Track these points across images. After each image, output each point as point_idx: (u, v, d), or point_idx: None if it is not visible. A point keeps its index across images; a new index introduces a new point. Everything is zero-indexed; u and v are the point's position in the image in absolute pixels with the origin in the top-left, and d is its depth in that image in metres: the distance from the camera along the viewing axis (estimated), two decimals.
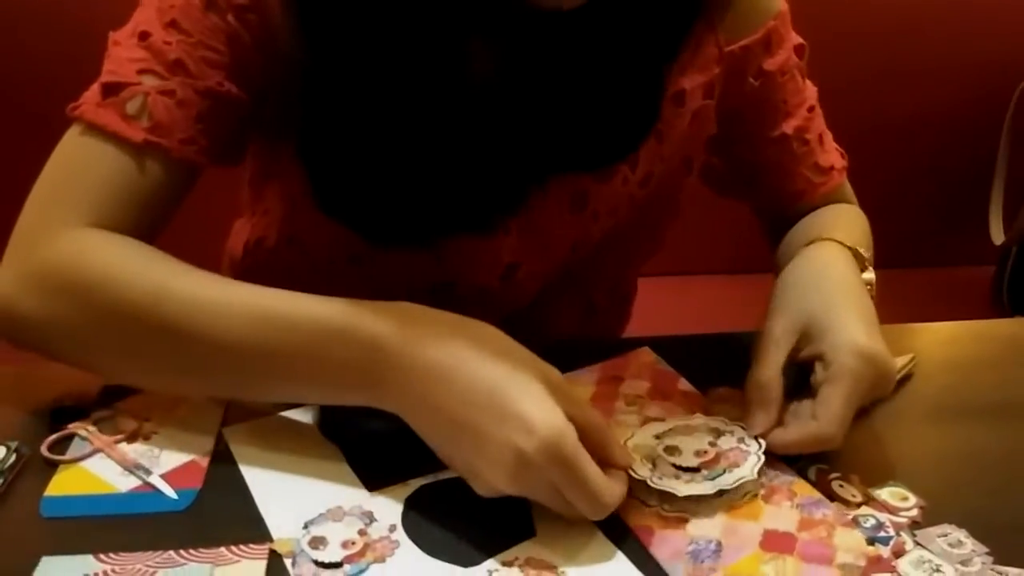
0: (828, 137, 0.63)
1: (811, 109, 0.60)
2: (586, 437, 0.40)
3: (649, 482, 0.42)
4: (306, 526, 0.41)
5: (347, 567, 0.39)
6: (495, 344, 0.41)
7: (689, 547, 0.40)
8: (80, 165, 0.46)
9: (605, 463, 0.40)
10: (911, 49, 1.10)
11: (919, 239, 1.21)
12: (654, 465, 0.44)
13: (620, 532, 0.41)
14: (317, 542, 0.40)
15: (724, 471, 0.44)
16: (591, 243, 0.58)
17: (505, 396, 0.39)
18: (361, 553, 0.39)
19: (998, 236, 1.16)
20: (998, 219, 1.17)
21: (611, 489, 0.40)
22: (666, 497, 0.42)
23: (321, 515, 0.41)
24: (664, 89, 0.53)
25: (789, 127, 0.59)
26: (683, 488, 0.42)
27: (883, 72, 1.10)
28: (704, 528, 0.41)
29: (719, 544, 0.40)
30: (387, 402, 0.42)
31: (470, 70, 0.48)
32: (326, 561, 0.39)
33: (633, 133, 0.53)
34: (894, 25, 1.09)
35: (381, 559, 0.39)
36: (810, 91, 0.61)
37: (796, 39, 0.59)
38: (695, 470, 0.44)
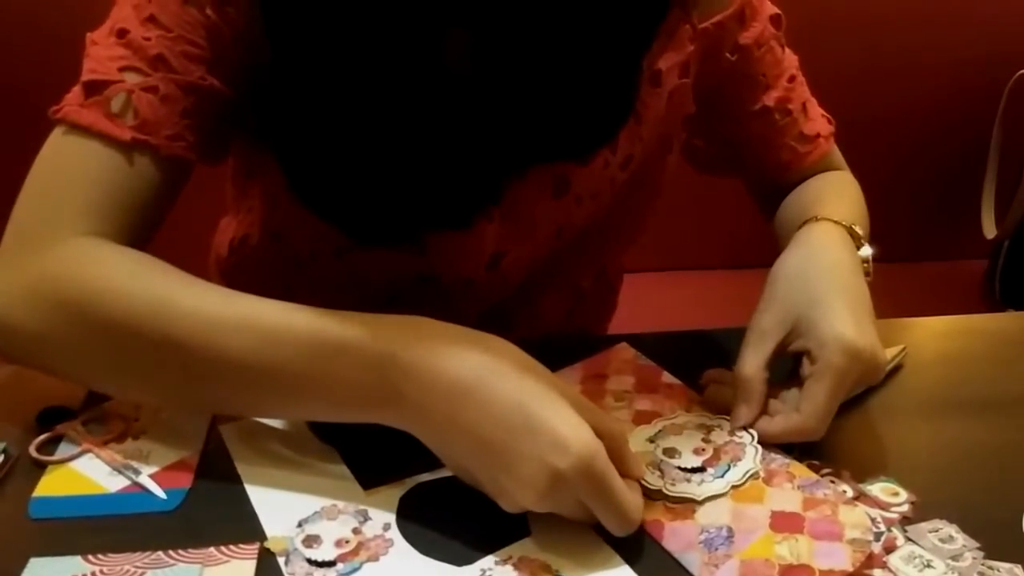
0: (813, 105, 0.62)
1: (792, 79, 0.60)
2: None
3: (665, 490, 0.43)
4: (300, 524, 0.41)
5: (340, 566, 0.39)
6: (513, 358, 0.40)
7: (701, 536, 0.40)
8: (68, 168, 0.45)
9: (620, 474, 0.40)
10: (903, 43, 1.10)
11: (912, 233, 1.21)
12: (661, 472, 0.44)
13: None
14: (311, 540, 0.40)
15: (729, 466, 0.44)
16: (575, 228, 0.58)
17: (533, 413, 0.38)
18: (355, 552, 0.39)
19: (990, 230, 1.17)
20: (990, 213, 1.17)
21: (637, 504, 0.40)
22: (677, 499, 0.42)
23: (315, 513, 0.41)
24: (641, 72, 0.52)
25: (770, 99, 0.59)
26: (699, 491, 0.42)
27: (875, 66, 1.10)
28: (713, 516, 0.41)
29: (730, 530, 0.41)
30: (403, 420, 0.41)
31: (446, 61, 0.48)
32: (319, 560, 0.39)
33: (612, 119, 0.53)
34: (886, 18, 1.09)
35: (375, 558, 0.39)
36: (790, 61, 0.60)
37: (771, 9, 0.59)
38: (701, 469, 0.44)
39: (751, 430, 0.46)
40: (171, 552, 0.39)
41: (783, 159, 0.61)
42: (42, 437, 0.45)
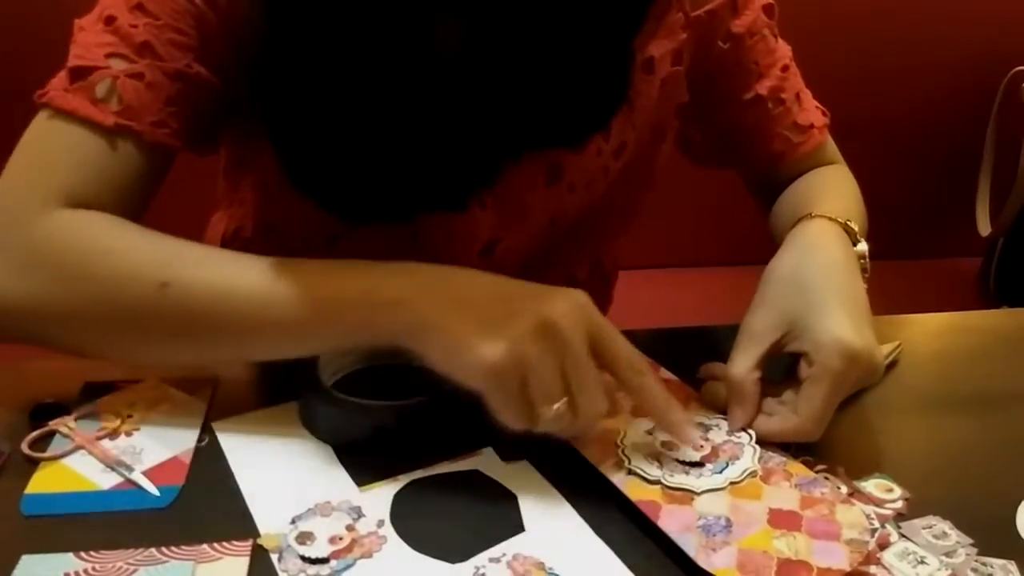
0: (807, 96, 0.62)
1: (785, 68, 0.60)
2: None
3: (663, 480, 0.43)
4: (293, 521, 0.41)
5: (334, 563, 0.39)
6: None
7: (699, 522, 0.40)
8: (52, 151, 0.46)
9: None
10: (899, 42, 1.10)
11: (908, 231, 1.21)
12: (660, 462, 0.44)
13: (607, 528, 0.41)
14: (304, 537, 0.40)
15: (727, 464, 0.44)
16: (569, 217, 0.58)
17: (531, 285, 0.42)
18: (348, 549, 0.39)
19: (985, 228, 1.17)
20: (985, 211, 1.18)
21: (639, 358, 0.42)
22: (676, 488, 0.42)
23: (309, 510, 0.41)
24: (633, 58, 0.52)
25: (763, 88, 0.59)
26: (698, 483, 0.43)
27: (870, 64, 1.10)
28: (711, 506, 0.42)
29: (728, 520, 0.41)
30: (403, 325, 0.42)
31: (437, 45, 0.48)
32: (313, 556, 0.39)
33: (605, 104, 0.52)
34: (882, 17, 1.09)
35: (368, 555, 0.39)
36: (783, 50, 0.60)
37: None
38: (699, 464, 0.44)
39: (749, 430, 0.46)
40: (164, 549, 0.39)
41: (776, 149, 0.61)
42: (35, 433, 0.45)
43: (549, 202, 0.55)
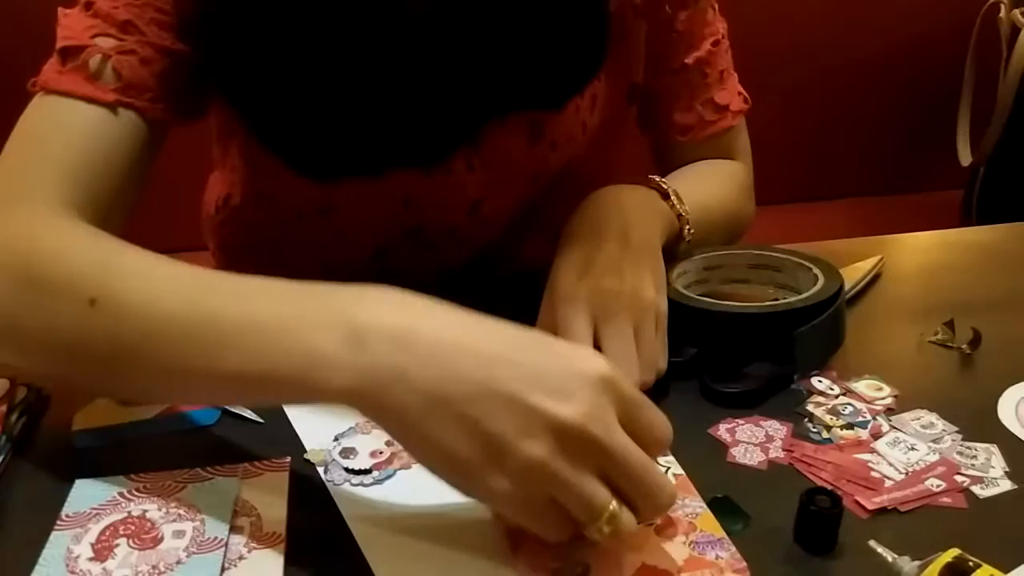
0: (732, 77, 0.61)
1: (716, 43, 0.59)
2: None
3: None
4: (337, 439, 0.43)
5: (376, 472, 0.41)
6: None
7: (554, 564, 0.35)
8: (46, 134, 0.44)
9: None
10: None
11: (890, 166, 1.24)
12: None
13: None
14: (347, 452, 0.42)
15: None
16: (551, 173, 0.58)
17: (539, 363, 0.32)
18: (388, 461, 0.42)
19: (966, 158, 1.20)
20: (965, 141, 1.20)
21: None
22: None
23: (351, 428, 0.44)
24: (608, 21, 0.53)
25: (691, 58, 0.59)
26: None
27: (849, 3, 1.11)
28: (577, 547, 0.35)
29: (587, 568, 0.35)
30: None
31: (407, 5, 0.47)
32: (356, 468, 0.41)
33: (583, 69, 0.53)
34: None
35: (408, 466, 0.42)
36: (718, 25, 0.60)
37: None
38: None
39: (676, 472, 0.40)
40: (208, 468, 0.41)
41: (687, 122, 0.60)
42: None
43: (532, 160, 0.56)
